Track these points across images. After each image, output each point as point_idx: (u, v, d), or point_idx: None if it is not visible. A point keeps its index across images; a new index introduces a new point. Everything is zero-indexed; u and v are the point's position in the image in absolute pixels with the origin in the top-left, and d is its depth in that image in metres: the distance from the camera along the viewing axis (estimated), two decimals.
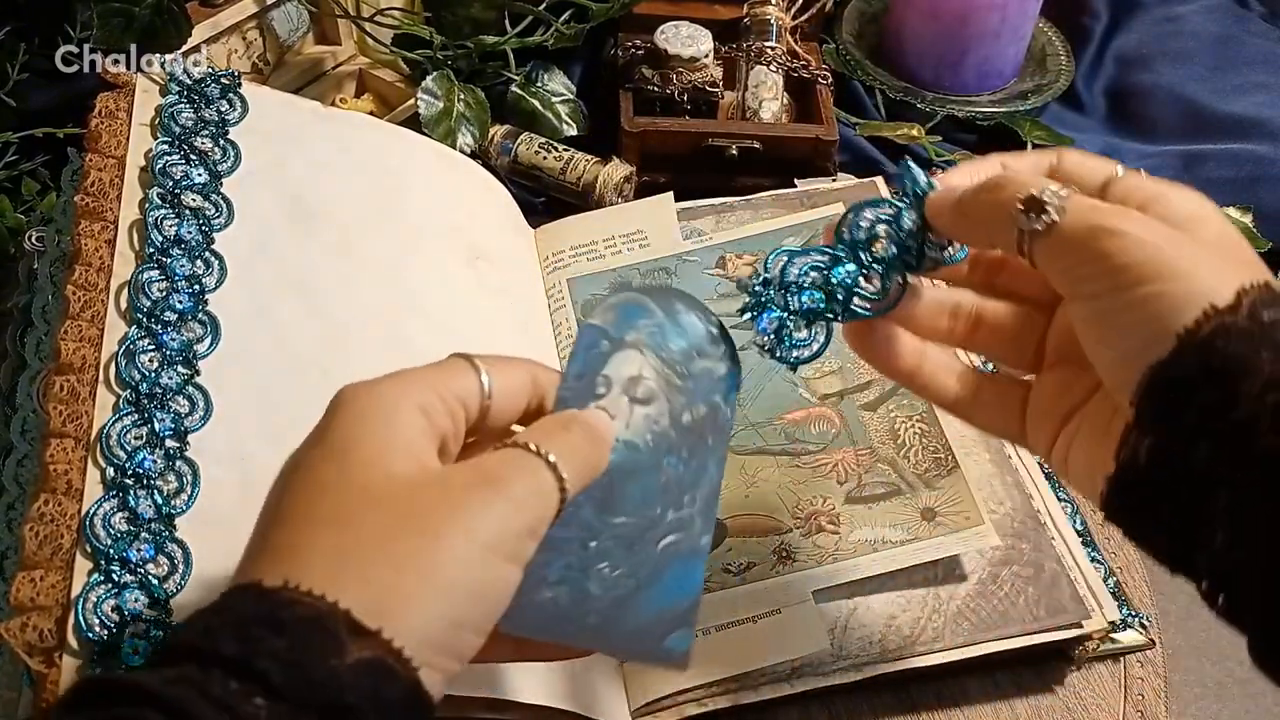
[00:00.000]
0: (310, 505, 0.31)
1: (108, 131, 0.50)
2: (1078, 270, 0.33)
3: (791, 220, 0.65)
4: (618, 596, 0.35)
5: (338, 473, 0.31)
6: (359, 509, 0.30)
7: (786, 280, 0.39)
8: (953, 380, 0.40)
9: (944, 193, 0.38)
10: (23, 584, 0.37)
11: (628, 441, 0.37)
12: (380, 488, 0.31)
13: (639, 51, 0.76)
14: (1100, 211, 0.33)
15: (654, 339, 0.39)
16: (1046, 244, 0.34)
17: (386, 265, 0.54)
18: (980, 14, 0.80)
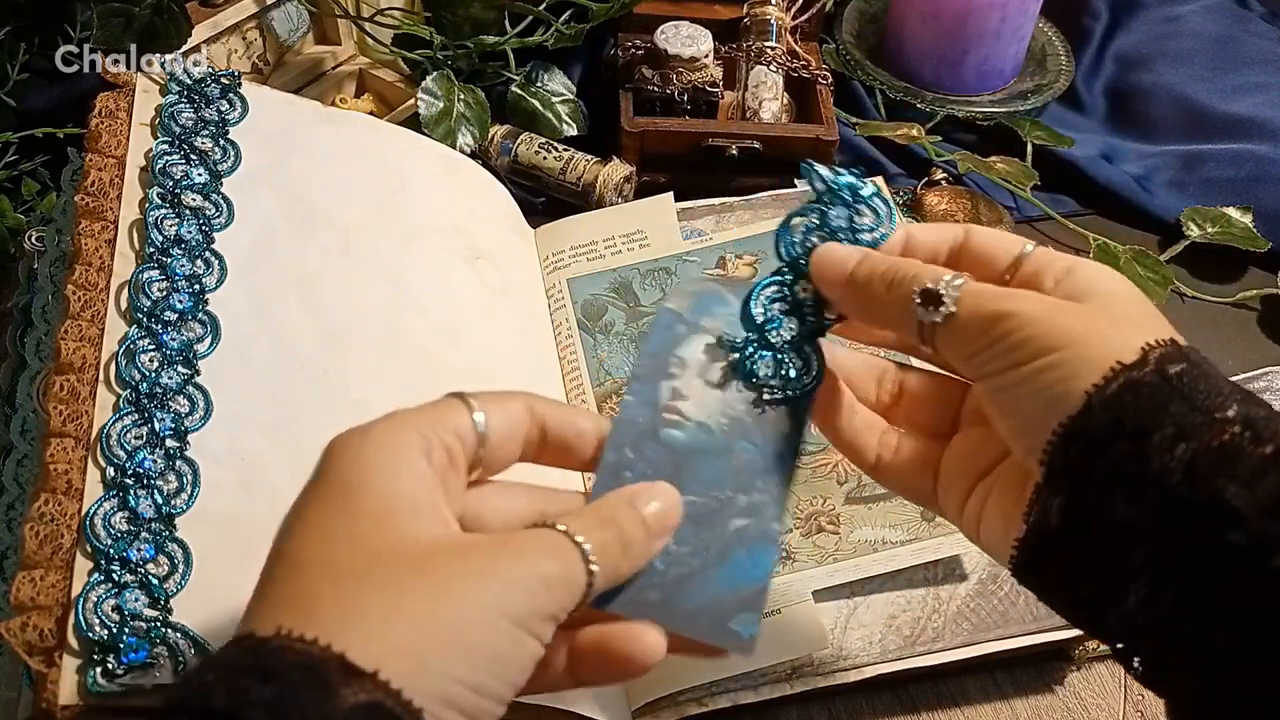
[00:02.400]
0: (313, 556, 0.29)
1: (108, 131, 0.50)
2: (978, 355, 0.34)
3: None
4: (681, 574, 0.35)
5: (345, 525, 0.30)
6: (367, 562, 0.29)
7: (757, 321, 0.39)
8: (873, 438, 0.40)
9: (833, 266, 0.38)
10: (23, 583, 0.37)
11: (700, 423, 0.38)
12: (391, 543, 0.29)
13: (639, 51, 0.76)
14: (992, 296, 0.34)
15: (732, 327, 0.40)
16: (945, 334, 0.35)
17: (386, 265, 0.54)
18: (980, 14, 0.80)
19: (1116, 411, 0.31)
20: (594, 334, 0.60)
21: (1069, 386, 0.32)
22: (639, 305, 0.61)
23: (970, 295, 0.34)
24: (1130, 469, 0.30)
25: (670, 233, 0.64)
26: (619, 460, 0.36)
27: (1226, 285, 0.71)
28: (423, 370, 0.52)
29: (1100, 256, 0.67)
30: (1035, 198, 0.73)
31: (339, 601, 0.28)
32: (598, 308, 0.61)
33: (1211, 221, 0.73)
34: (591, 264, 0.63)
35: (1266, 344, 0.68)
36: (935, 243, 0.39)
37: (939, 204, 0.71)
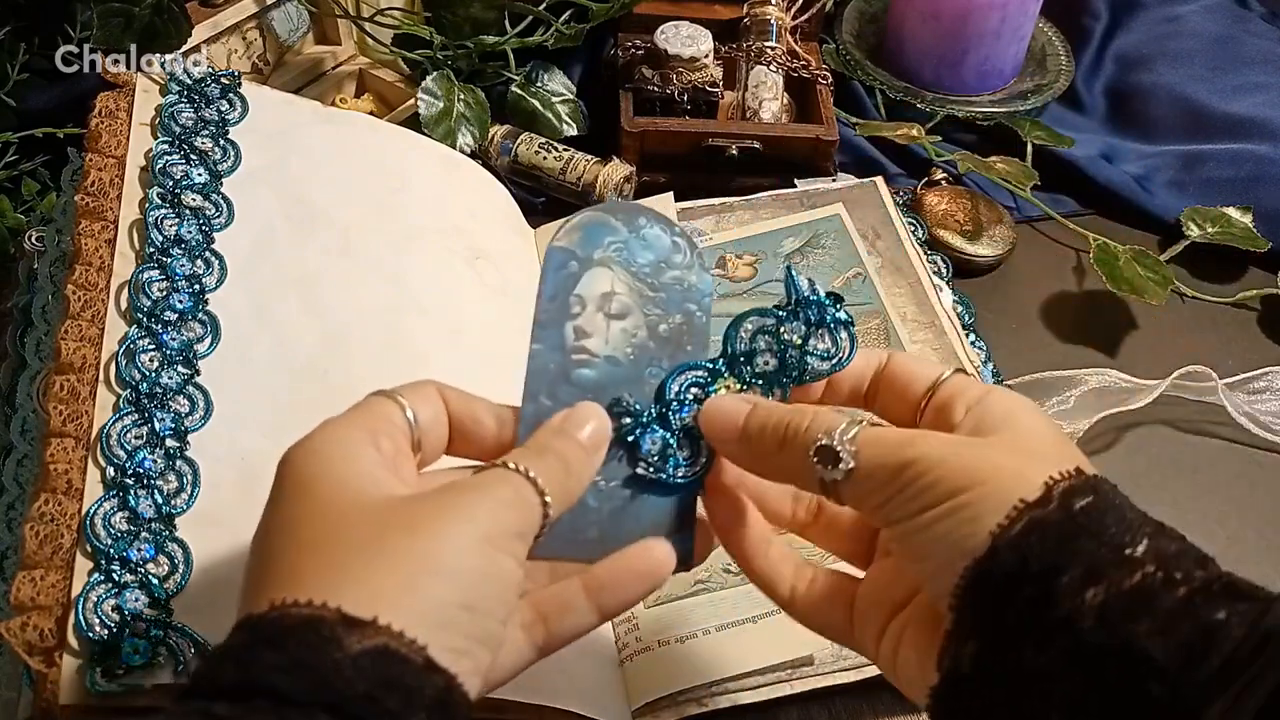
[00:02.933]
0: (286, 543, 0.31)
1: (108, 131, 0.50)
2: (884, 505, 0.33)
3: (791, 220, 0.65)
4: (614, 508, 0.36)
5: (309, 506, 0.31)
6: (339, 528, 0.30)
7: (667, 398, 0.38)
8: (788, 570, 0.39)
9: (722, 419, 0.37)
10: (23, 583, 0.37)
11: (608, 356, 0.38)
12: (356, 508, 0.31)
13: (639, 51, 0.76)
14: (893, 446, 0.34)
15: (621, 255, 0.39)
16: (848, 489, 0.34)
17: (386, 265, 0.54)
18: (980, 14, 0.80)
19: (1022, 552, 0.30)
20: None
21: (974, 528, 0.31)
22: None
23: (868, 446, 0.34)
24: (1040, 613, 0.29)
25: None
26: (537, 409, 0.37)
27: (1226, 285, 0.71)
28: (423, 370, 0.51)
29: (1100, 256, 0.67)
30: (1035, 198, 0.73)
31: (323, 566, 0.29)
32: None
33: (1211, 221, 0.73)
34: None
35: (1266, 344, 0.68)
36: (860, 371, 0.38)
37: (939, 204, 0.71)
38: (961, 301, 0.65)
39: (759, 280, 0.62)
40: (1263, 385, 0.64)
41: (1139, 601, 0.28)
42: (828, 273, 0.62)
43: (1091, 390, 0.63)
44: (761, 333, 0.38)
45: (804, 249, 0.63)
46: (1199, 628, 0.28)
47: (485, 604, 0.30)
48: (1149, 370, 0.64)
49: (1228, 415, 0.62)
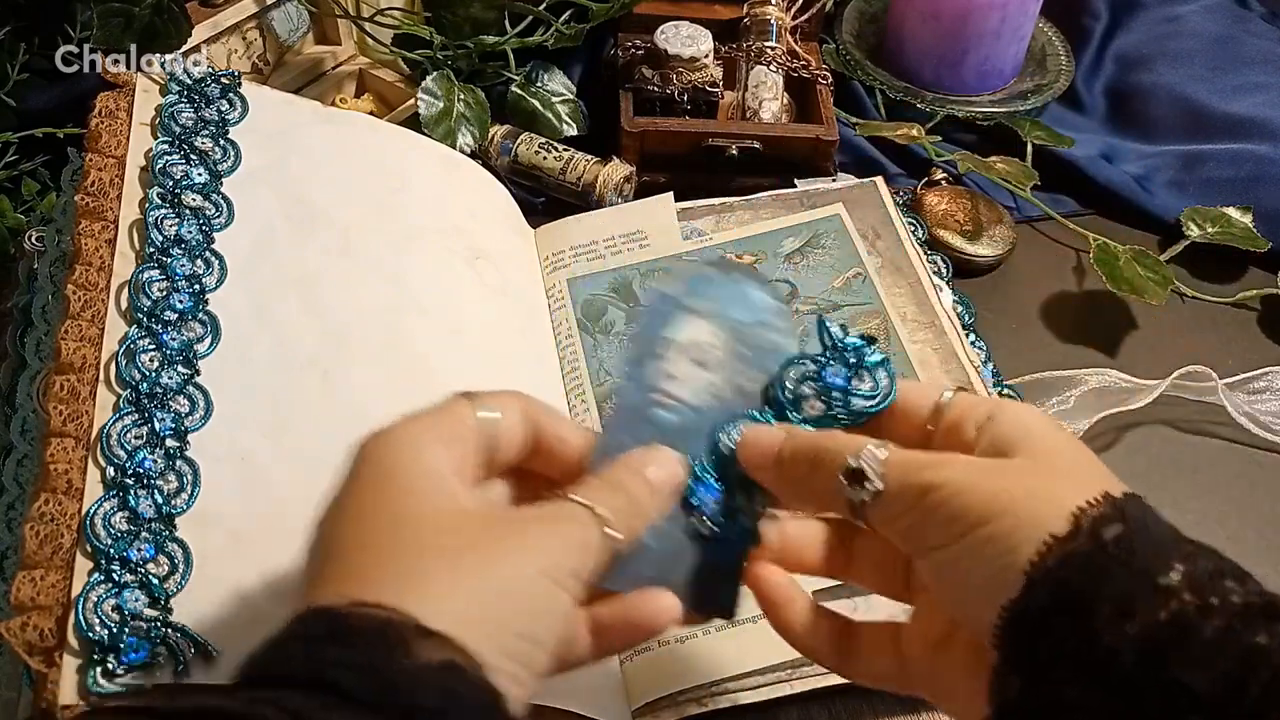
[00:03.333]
0: (363, 539, 0.32)
1: (108, 131, 0.50)
2: (912, 530, 0.34)
3: (791, 220, 0.65)
4: (671, 550, 0.37)
5: (384, 506, 0.32)
6: (416, 534, 0.31)
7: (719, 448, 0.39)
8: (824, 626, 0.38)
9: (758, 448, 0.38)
10: (23, 583, 0.37)
11: (689, 404, 0.39)
12: (432, 514, 0.32)
13: (639, 51, 0.76)
14: (919, 467, 0.34)
15: (720, 309, 0.40)
16: (877, 511, 0.34)
17: (386, 265, 0.54)
18: (980, 14, 0.80)
19: (1055, 588, 0.30)
20: (594, 334, 0.60)
21: (1007, 562, 0.31)
22: (639, 305, 0.61)
23: (896, 468, 0.34)
24: (1080, 649, 0.29)
25: (670, 233, 0.64)
26: (612, 442, 0.38)
27: (1226, 285, 0.71)
28: (422, 370, 0.52)
29: (1100, 256, 0.67)
30: (1035, 198, 0.73)
31: (399, 573, 0.30)
32: (597, 308, 0.61)
33: (1211, 221, 0.73)
34: (591, 264, 0.63)
35: (1266, 344, 0.68)
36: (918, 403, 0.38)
37: (939, 204, 0.71)
38: (961, 301, 0.65)
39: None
40: (1263, 385, 0.64)
41: (1175, 633, 0.28)
42: (828, 273, 0.62)
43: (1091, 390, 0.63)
44: (805, 379, 0.39)
45: (804, 249, 0.63)
46: (1238, 655, 0.28)
47: (540, 635, 0.31)
48: (1149, 370, 0.64)
49: (1228, 415, 0.62)
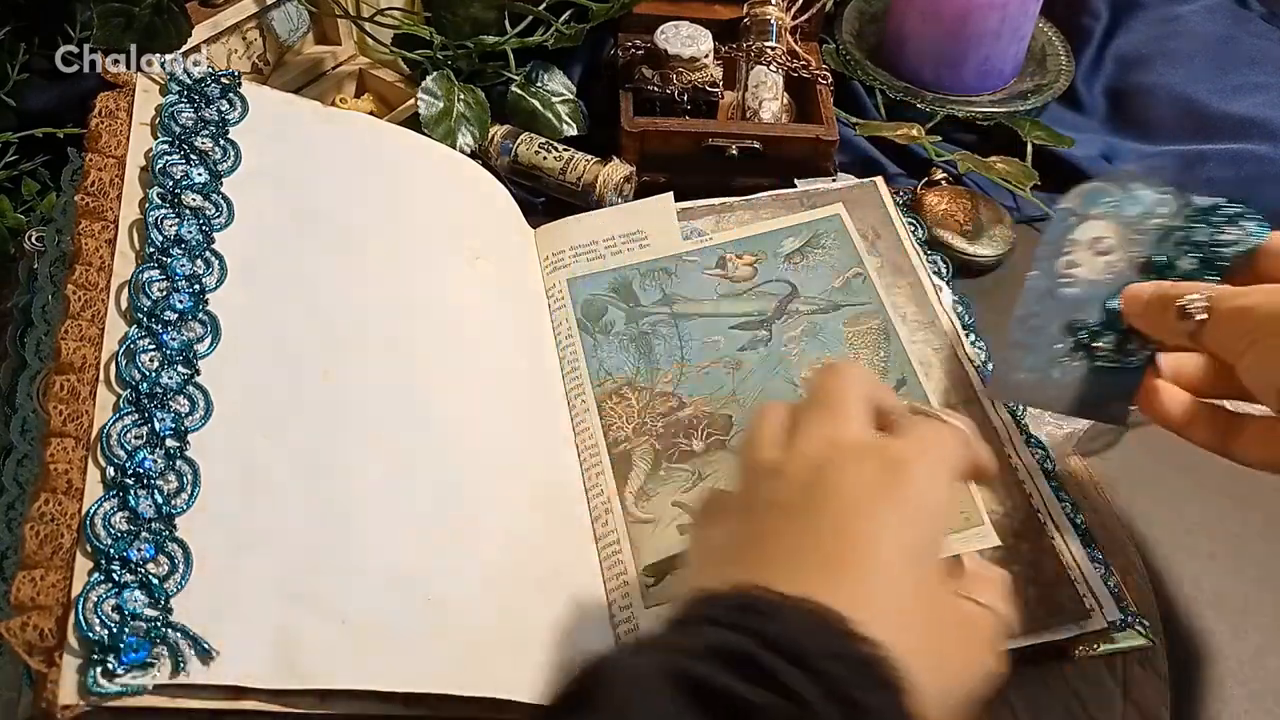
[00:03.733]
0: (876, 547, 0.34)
1: (108, 131, 0.50)
2: (1230, 342, 0.43)
3: (792, 220, 0.65)
4: (1067, 379, 0.49)
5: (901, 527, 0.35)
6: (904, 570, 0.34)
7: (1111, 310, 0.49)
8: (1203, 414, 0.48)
9: (1131, 301, 0.48)
10: (23, 583, 0.37)
11: (1090, 280, 0.50)
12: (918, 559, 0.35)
13: (639, 51, 0.76)
14: (1232, 296, 0.43)
15: (1113, 209, 0.50)
16: (1204, 337, 0.44)
17: (386, 265, 0.54)
18: (980, 14, 0.80)
19: None
20: (594, 334, 0.60)
21: None
22: (639, 305, 0.61)
23: (1216, 301, 0.43)
24: None
25: (670, 233, 0.64)
26: (1024, 316, 0.51)
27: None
28: (422, 370, 0.52)
29: None
30: (1035, 198, 0.73)
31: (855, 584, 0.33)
32: (598, 308, 0.61)
33: None
34: (591, 264, 0.63)
35: None
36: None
37: (939, 204, 0.71)
38: (961, 302, 0.65)
39: (760, 280, 0.62)
40: None
41: None
42: (828, 273, 0.62)
43: None
44: (1178, 242, 0.48)
45: (804, 249, 0.63)
46: None
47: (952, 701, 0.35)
48: None
49: None
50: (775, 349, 0.58)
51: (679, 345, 0.59)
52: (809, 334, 0.59)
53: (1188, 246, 0.48)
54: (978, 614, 0.38)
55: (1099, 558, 0.53)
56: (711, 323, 0.60)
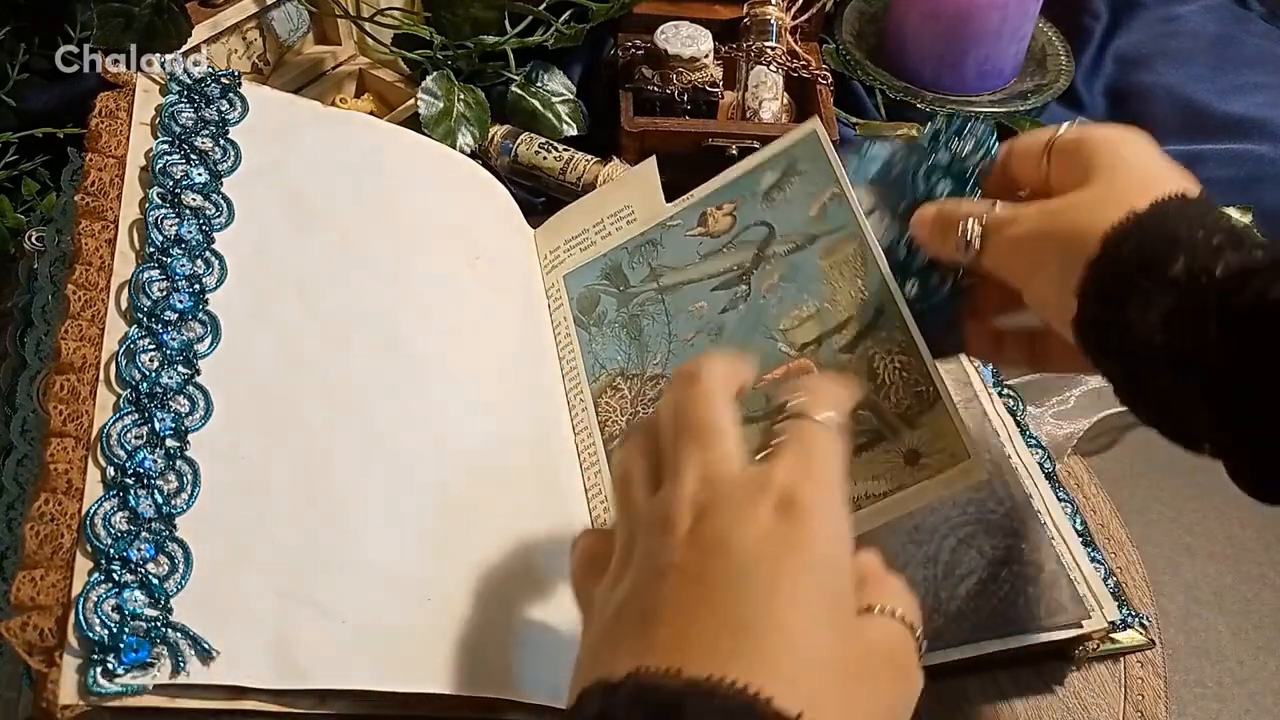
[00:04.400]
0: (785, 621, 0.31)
1: (108, 131, 0.50)
2: (1010, 273, 0.42)
3: (770, 152, 0.60)
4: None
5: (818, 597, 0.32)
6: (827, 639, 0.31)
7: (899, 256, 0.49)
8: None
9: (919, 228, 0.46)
10: (23, 583, 0.37)
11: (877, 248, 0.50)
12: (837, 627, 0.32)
13: (639, 51, 0.76)
14: (1005, 224, 0.42)
15: (859, 177, 0.51)
16: (986, 263, 0.43)
17: (386, 265, 0.54)
18: (980, 14, 0.80)
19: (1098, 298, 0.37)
20: (588, 327, 0.60)
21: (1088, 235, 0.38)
22: (629, 287, 0.60)
23: (989, 228, 0.42)
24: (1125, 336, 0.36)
25: (654, 199, 0.62)
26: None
27: None
28: (422, 370, 0.52)
29: None
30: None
31: (763, 656, 0.30)
32: (591, 299, 0.61)
33: None
34: (585, 254, 0.63)
35: None
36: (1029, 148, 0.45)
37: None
38: None
39: (738, 229, 0.58)
40: None
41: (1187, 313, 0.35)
42: (805, 201, 0.57)
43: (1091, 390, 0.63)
44: (926, 173, 0.48)
45: (782, 180, 0.58)
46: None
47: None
48: None
49: None
50: (754, 303, 0.55)
51: (666, 321, 0.58)
52: (786, 278, 0.55)
53: (936, 174, 0.48)
54: (895, 636, 0.34)
55: (1099, 558, 0.53)
56: (696, 289, 0.58)
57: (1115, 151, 0.40)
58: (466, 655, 0.43)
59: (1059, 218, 0.40)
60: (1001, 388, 0.59)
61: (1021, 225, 0.41)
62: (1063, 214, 0.40)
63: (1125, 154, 0.40)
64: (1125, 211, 0.37)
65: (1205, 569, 0.58)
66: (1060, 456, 0.60)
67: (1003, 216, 0.42)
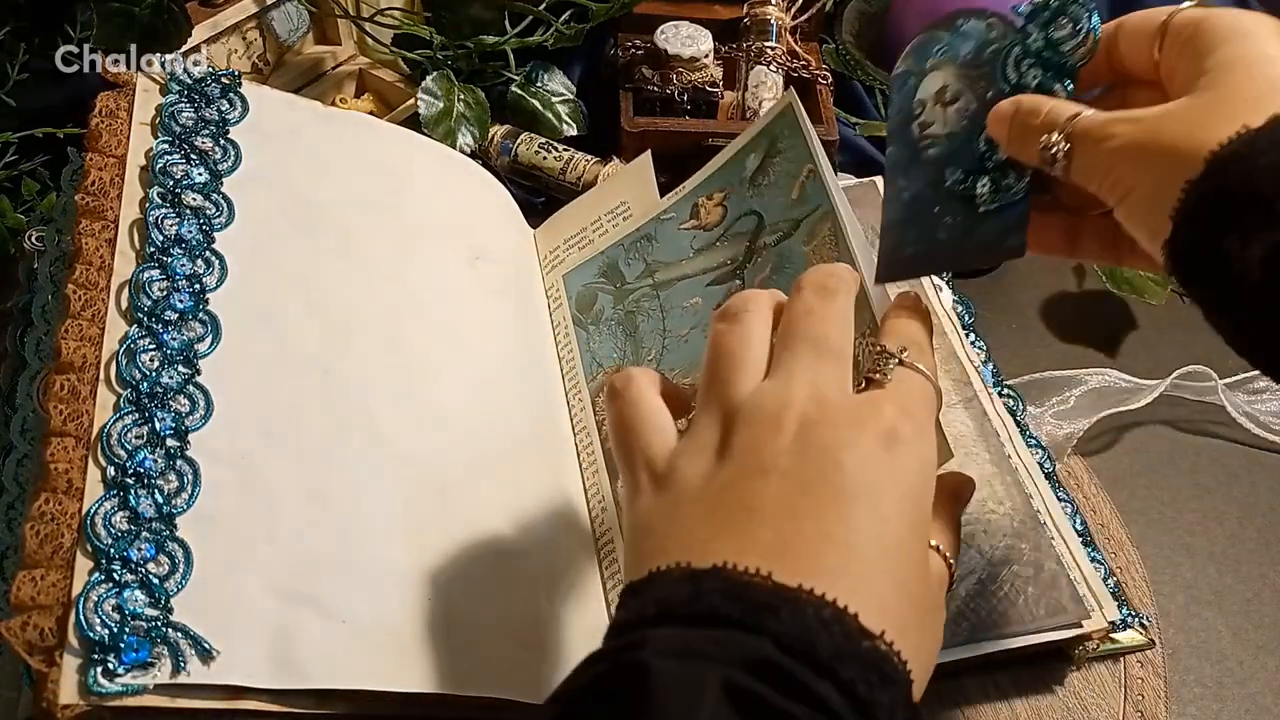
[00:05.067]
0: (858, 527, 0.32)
1: (108, 131, 0.50)
2: (1101, 190, 0.37)
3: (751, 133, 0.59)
4: (955, 237, 0.44)
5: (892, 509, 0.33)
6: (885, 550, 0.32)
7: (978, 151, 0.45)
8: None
9: (997, 126, 0.42)
10: (23, 583, 0.37)
11: (948, 134, 0.45)
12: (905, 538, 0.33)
13: (639, 51, 0.76)
14: (1094, 138, 0.37)
15: (947, 54, 0.46)
16: (1075, 176, 0.38)
17: (386, 265, 0.54)
18: None
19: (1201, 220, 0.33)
20: (586, 326, 0.60)
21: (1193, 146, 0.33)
22: (625, 284, 0.60)
23: (1079, 132, 0.38)
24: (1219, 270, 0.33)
25: (649, 193, 0.62)
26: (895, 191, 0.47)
27: None
28: (422, 370, 0.52)
29: None
30: None
31: (858, 575, 0.31)
32: (589, 298, 0.61)
33: None
34: (582, 252, 0.63)
35: None
36: (1140, 28, 0.40)
37: None
38: (961, 301, 0.65)
39: (729, 219, 0.58)
40: (1263, 385, 0.64)
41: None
42: (787, 184, 0.57)
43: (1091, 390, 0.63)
44: (1017, 60, 0.43)
45: (765, 163, 0.58)
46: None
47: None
48: (1149, 370, 0.64)
49: (1228, 415, 0.62)
50: None
51: (661, 318, 0.58)
52: (777, 269, 0.55)
53: (1029, 60, 0.43)
54: (942, 572, 0.37)
55: (1099, 558, 0.53)
56: (690, 285, 0.58)
57: (1237, 47, 0.35)
58: (467, 655, 0.43)
59: (1160, 131, 0.35)
60: (1001, 388, 0.59)
61: (1115, 140, 0.36)
62: (1164, 127, 0.35)
63: (1246, 52, 0.35)
64: (1237, 126, 0.32)
65: (1205, 569, 0.58)
66: (1060, 456, 0.60)
67: (1091, 128, 0.37)
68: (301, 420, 0.46)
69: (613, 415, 0.39)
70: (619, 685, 0.28)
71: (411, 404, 0.50)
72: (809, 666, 0.28)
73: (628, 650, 0.29)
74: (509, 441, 0.53)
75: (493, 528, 0.48)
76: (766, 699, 0.27)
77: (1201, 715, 0.53)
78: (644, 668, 0.28)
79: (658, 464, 0.36)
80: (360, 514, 0.45)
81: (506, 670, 0.44)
